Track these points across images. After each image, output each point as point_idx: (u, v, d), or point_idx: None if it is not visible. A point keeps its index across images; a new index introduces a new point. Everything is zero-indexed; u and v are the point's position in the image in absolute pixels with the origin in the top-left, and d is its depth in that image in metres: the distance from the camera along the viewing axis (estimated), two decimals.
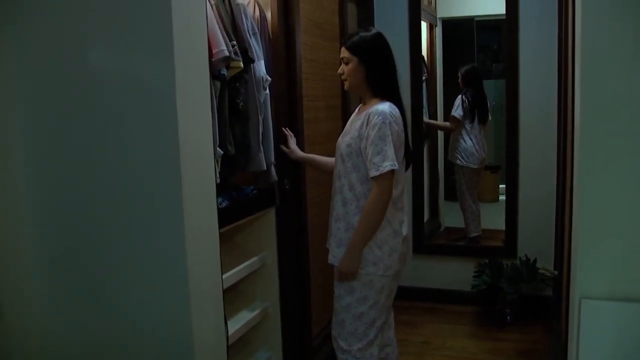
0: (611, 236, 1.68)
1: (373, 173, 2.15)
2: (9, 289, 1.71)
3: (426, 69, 4.28)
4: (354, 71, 2.27)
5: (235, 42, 2.17)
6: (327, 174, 2.51)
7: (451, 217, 4.58)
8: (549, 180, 3.58)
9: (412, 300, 3.94)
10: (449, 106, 4.32)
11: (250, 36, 2.30)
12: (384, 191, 2.17)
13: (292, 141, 2.64)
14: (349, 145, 2.25)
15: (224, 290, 1.90)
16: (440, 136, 4.61)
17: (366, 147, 2.18)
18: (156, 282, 1.67)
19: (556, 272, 3.44)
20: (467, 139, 4.17)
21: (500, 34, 4.61)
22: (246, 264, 2.48)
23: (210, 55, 1.95)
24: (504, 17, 3.71)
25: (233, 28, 2.23)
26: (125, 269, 1.69)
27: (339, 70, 2.33)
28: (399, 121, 2.23)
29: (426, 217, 4.20)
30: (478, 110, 4.15)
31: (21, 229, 1.74)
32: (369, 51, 2.25)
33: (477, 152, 4.17)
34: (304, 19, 2.79)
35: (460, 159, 4.21)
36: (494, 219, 4.24)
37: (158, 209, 1.64)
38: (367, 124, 2.19)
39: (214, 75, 2.04)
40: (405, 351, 3.20)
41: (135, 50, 1.61)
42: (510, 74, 3.72)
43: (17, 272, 1.73)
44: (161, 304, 1.68)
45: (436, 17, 4.48)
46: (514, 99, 3.73)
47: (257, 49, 2.36)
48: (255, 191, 2.50)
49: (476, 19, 4.67)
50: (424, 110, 4.11)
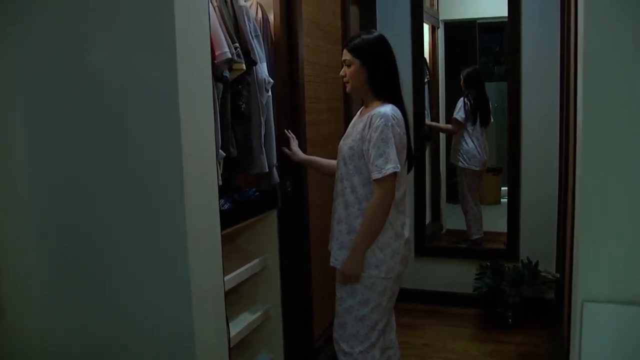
0: (613, 238, 1.67)
1: (375, 175, 2.15)
2: (9, 289, 1.71)
3: (428, 71, 4.28)
4: (356, 74, 2.27)
5: (237, 44, 2.17)
6: (329, 176, 2.51)
7: (453, 220, 4.57)
8: (550, 183, 3.57)
9: (413, 303, 3.93)
10: (451, 108, 4.32)
11: (252, 38, 2.30)
12: (386, 194, 2.16)
13: (294, 143, 2.64)
14: (351, 147, 2.25)
15: (225, 292, 1.89)
16: (442, 138, 4.60)
17: (368, 150, 2.17)
18: (156, 282, 1.67)
19: (558, 275, 3.42)
20: (469, 141, 4.17)
21: (502, 36, 4.59)
22: (248, 266, 2.48)
23: (213, 57, 1.95)
24: (506, 20, 3.70)
25: (236, 30, 2.23)
26: (126, 269, 1.69)
27: (341, 73, 2.33)
28: (401, 123, 2.22)
29: (428, 220, 4.20)
30: (480, 112, 4.15)
31: (21, 229, 1.74)
32: (371, 54, 2.25)
33: (479, 154, 4.17)
34: (306, 22, 2.79)
35: (462, 161, 4.20)
36: (495, 221, 4.22)
37: (158, 209, 1.63)
38: (369, 126, 2.18)
39: (217, 77, 2.04)
40: (407, 354, 3.19)
41: (135, 50, 1.61)
42: (512, 76, 3.72)
43: (17, 272, 1.73)
44: (162, 303, 1.68)
45: (438, 20, 4.48)
46: (516, 101, 3.72)
47: (259, 51, 2.36)
48: (257, 193, 2.50)
49: (478, 21, 4.66)
50: (426, 112, 4.10)
